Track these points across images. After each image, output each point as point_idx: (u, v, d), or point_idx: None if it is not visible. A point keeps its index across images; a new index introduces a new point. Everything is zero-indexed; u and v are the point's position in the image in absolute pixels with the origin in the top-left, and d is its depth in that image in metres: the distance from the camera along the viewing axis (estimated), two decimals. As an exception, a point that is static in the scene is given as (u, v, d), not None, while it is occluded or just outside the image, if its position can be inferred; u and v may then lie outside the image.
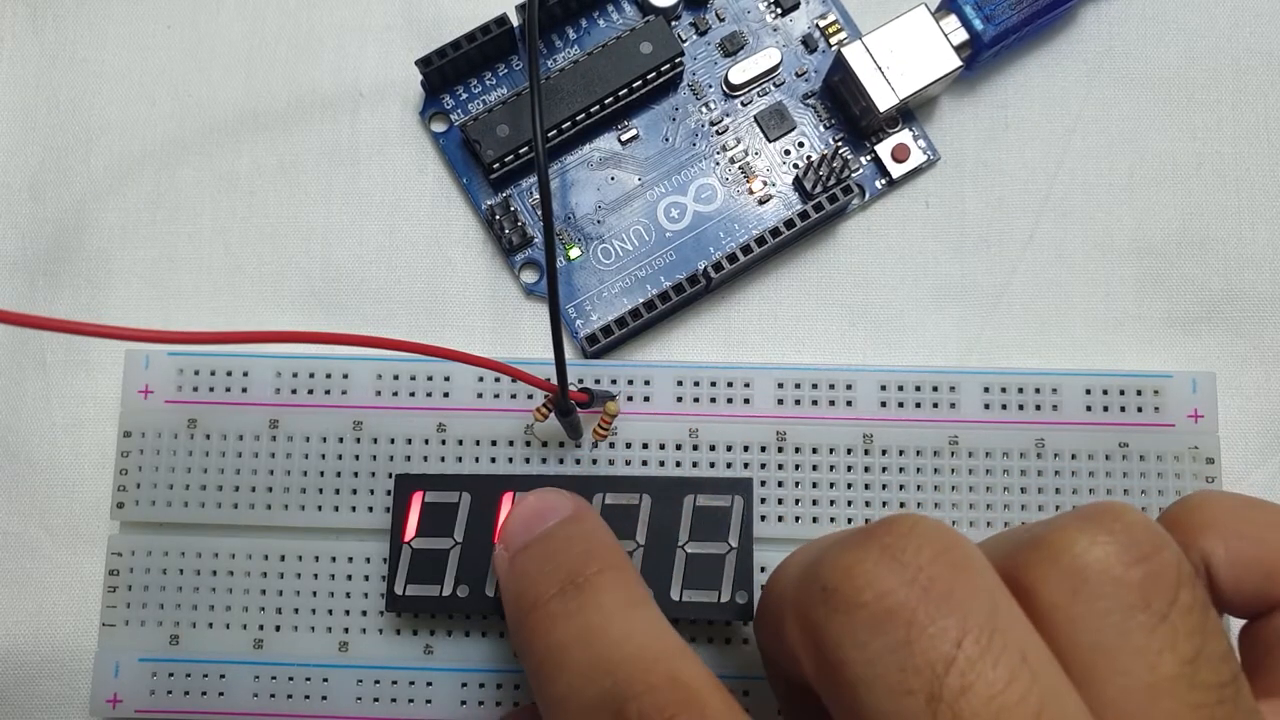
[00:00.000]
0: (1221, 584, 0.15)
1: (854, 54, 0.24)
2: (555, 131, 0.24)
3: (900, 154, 0.25)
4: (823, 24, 0.25)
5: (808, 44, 0.25)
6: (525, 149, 0.24)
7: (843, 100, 0.25)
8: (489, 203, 0.25)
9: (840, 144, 0.25)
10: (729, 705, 0.15)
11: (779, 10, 0.25)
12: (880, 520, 0.15)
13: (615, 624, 0.17)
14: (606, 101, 0.24)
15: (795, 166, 0.25)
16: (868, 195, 0.25)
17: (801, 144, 0.25)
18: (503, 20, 0.24)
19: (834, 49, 0.25)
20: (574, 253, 0.24)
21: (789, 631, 0.15)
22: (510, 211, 0.24)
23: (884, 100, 0.23)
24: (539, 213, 0.25)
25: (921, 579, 0.13)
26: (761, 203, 0.25)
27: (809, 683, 0.15)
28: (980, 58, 0.24)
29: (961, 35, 0.24)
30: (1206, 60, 0.25)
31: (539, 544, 0.19)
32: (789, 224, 0.23)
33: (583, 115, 0.24)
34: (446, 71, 0.24)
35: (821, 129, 0.25)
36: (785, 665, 0.16)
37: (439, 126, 0.25)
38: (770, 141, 0.25)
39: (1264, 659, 0.15)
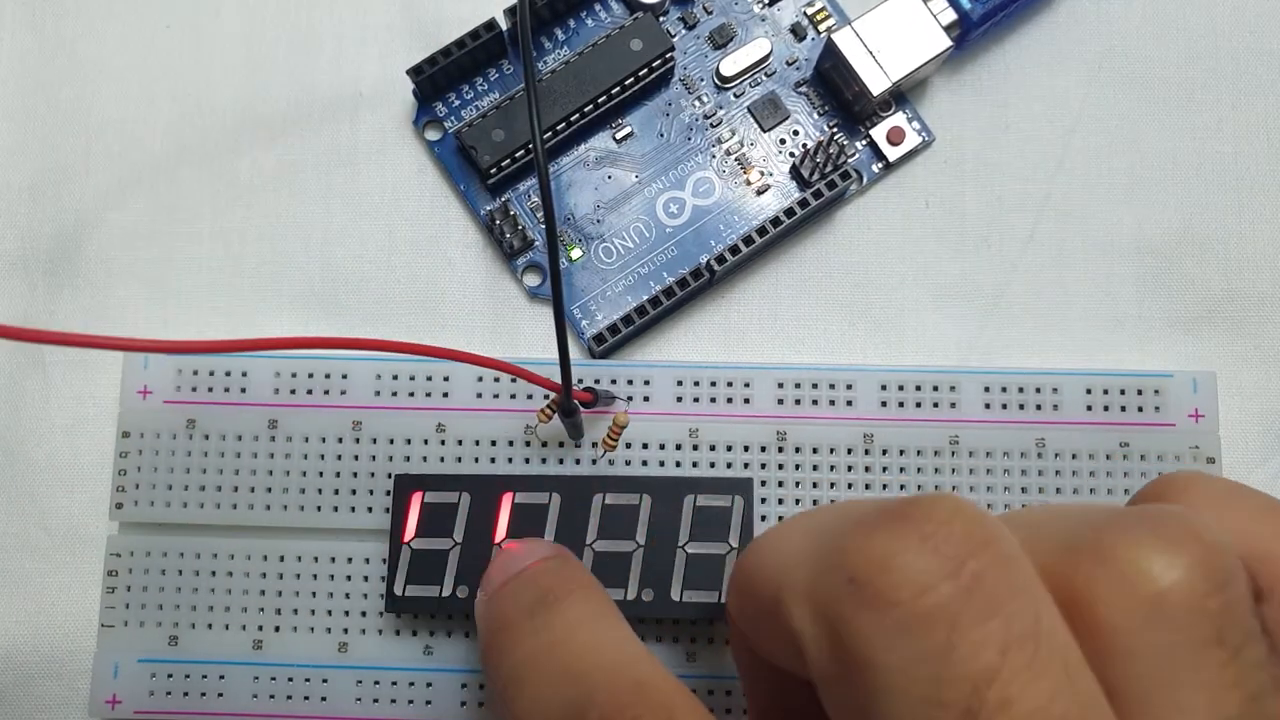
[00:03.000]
0: None
1: (844, 40, 0.24)
2: (550, 133, 0.24)
3: (895, 137, 0.25)
4: (810, 11, 0.25)
5: (796, 32, 0.25)
6: (521, 152, 0.24)
7: (835, 86, 0.25)
8: (488, 208, 0.25)
9: (835, 130, 0.25)
10: (696, 710, 0.15)
11: (766, 0, 0.25)
12: (912, 500, 0.13)
13: (581, 636, 0.17)
14: (599, 100, 0.24)
15: (791, 155, 0.25)
16: (865, 180, 0.25)
17: (796, 132, 0.25)
18: (491, 25, 0.24)
19: (823, 36, 0.25)
20: (575, 253, 0.24)
21: (795, 620, 0.13)
22: (510, 216, 0.24)
23: (876, 84, 0.24)
24: (539, 215, 0.25)
25: (965, 576, 0.12)
26: (760, 193, 0.25)
27: (799, 670, 0.14)
28: (970, 36, 0.24)
29: (950, 15, 0.24)
30: (1206, 60, 0.25)
31: (514, 580, 0.19)
32: (789, 212, 0.23)
33: (576, 115, 0.24)
34: (438, 79, 0.24)
35: (815, 116, 0.25)
36: (775, 654, 0.15)
37: (433, 134, 0.25)
38: (765, 131, 0.25)
39: None
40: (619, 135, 0.25)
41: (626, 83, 0.24)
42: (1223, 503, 0.15)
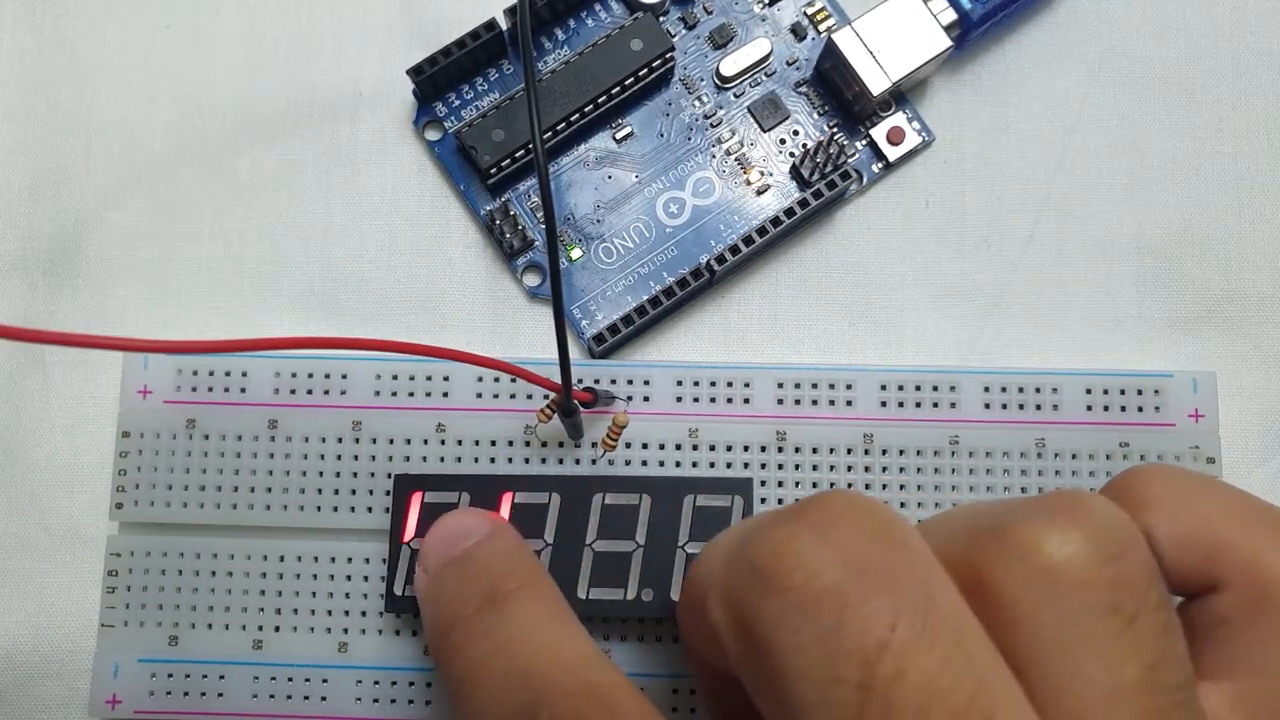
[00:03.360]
0: (1159, 561, 0.15)
1: (844, 39, 0.24)
2: (550, 133, 0.24)
3: (895, 137, 0.25)
4: (810, 11, 0.25)
5: (796, 32, 0.25)
6: (521, 152, 0.24)
7: (835, 86, 0.25)
8: (488, 208, 0.25)
9: (835, 130, 0.25)
10: (644, 710, 0.15)
11: (766, 0, 0.25)
12: (811, 497, 0.14)
13: (534, 637, 0.17)
14: (600, 100, 0.24)
15: (791, 155, 0.25)
16: (865, 180, 0.25)
17: (796, 132, 0.25)
18: (491, 25, 0.24)
19: (823, 36, 0.25)
20: (575, 253, 0.24)
21: (713, 614, 0.14)
22: (510, 216, 0.24)
23: (876, 84, 0.24)
24: (539, 215, 0.25)
25: (854, 559, 0.13)
26: (760, 193, 0.25)
27: (732, 670, 0.14)
28: (970, 36, 0.24)
29: (950, 15, 0.24)
30: (1206, 60, 0.25)
31: (457, 564, 0.19)
32: (789, 212, 0.23)
33: (577, 115, 0.24)
34: (438, 79, 0.24)
35: (815, 116, 0.25)
36: (707, 651, 0.16)
37: (433, 134, 0.25)
38: (765, 131, 0.25)
39: (1197, 640, 0.15)
40: (619, 135, 0.25)
41: (626, 83, 0.24)
42: (1186, 495, 0.15)
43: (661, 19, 0.25)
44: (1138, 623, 0.13)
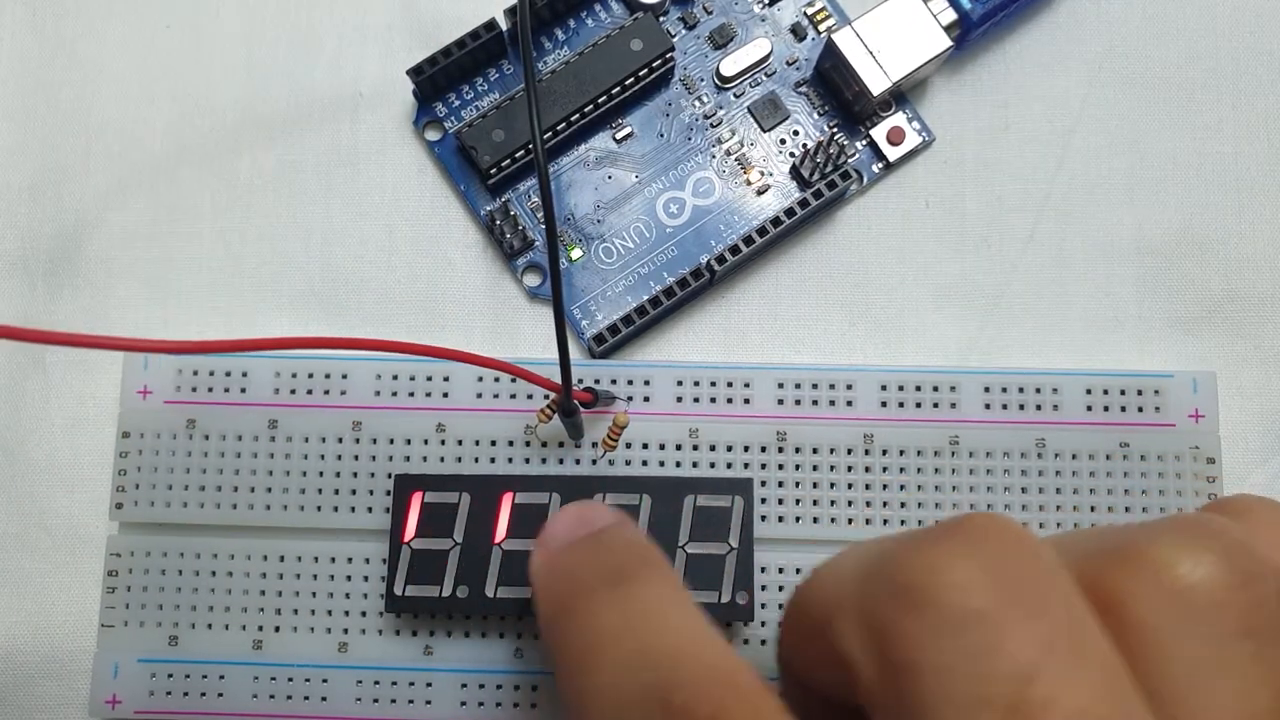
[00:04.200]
0: None
1: (844, 40, 0.24)
2: (550, 133, 0.24)
3: (895, 137, 0.25)
4: (810, 11, 0.25)
5: (796, 32, 0.25)
6: (521, 152, 0.24)
7: (835, 86, 0.25)
8: (488, 208, 0.25)
9: (835, 130, 0.25)
10: (781, 710, 0.14)
11: (766, 0, 0.25)
12: (954, 519, 0.14)
13: (666, 618, 0.16)
14: (600, 100, 0.24)
15: (791, 155, 0.25)
16: (865, 180, 0.25)
17: (796, 132, 0.25)
18: (491, 25, 0.24)
19: (823, 36, 0.25)
20: (575, 254, 0.24)
21: (844, 635, 0.14)
22: (510, 216, 0.24)
23: (877, 84, 0.24)
24: (539, 215, 0.25)
25: (1007, 580, 0.12)
26: (760, 193, 0.25)
27: (849, 697, 0.14)
28: (970, 36, 0.24)
29: (950, 15, 0.24)
30: (1206, 60, 0.25)
31: (584, 542, 0.18)
32: (789, 212, 0.23)
33: (577, 115, 0.24)
34: (438, 79, 0.24)
35: (815, 116, 0.25)
36: (820, 677, 0.15)
37: (433, 135, 0.25)
38: (765, 131, 0.25)
39: None
40: (619, 135, 0.25)
41: (626, 83, 0.24)
42: None
43: (661, 19, 0.25)
44: (1272, 649, 0.12)
